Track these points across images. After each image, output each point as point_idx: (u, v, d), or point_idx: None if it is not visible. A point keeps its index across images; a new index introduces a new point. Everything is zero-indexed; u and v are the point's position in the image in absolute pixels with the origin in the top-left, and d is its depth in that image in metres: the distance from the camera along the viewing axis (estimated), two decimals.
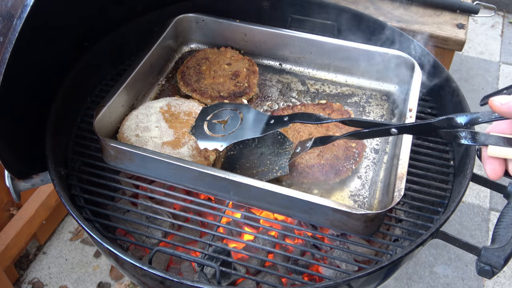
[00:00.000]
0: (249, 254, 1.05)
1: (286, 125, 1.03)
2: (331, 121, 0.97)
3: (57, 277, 1.91)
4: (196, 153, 1.13)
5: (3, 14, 0.83)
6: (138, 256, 1.23)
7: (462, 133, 0.75)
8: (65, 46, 1.26)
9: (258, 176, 1.09)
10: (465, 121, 0.76)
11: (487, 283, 1.99)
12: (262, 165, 1.12)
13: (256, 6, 1.54)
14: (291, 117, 1.02)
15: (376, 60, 1.34)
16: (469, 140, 0.74)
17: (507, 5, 3.57)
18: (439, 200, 1.11)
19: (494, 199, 2.29)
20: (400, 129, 0.86)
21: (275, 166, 1.11)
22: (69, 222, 2.09)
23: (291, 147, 1.13)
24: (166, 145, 1.15)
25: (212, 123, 1.09)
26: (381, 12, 1.74)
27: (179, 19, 1.45)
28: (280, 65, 1.47)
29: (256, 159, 1.14)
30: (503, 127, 0.72)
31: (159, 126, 1.18)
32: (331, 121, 0.97)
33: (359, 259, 1.13)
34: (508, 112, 0.67)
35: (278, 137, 1.16)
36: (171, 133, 1.17)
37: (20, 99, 1.08)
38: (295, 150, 1.07)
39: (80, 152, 1.21)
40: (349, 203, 1.10)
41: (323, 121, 0.99)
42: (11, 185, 1.09)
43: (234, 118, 1.09)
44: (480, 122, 0.74)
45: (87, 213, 1.10)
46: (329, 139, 1.00)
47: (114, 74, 1.42)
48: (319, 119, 0.99)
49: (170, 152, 1.13)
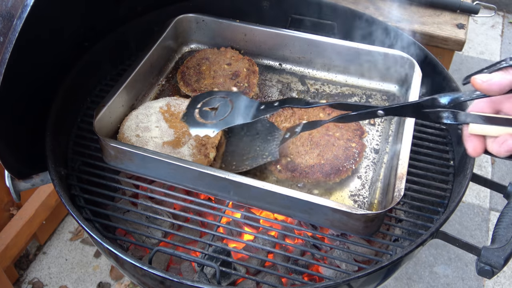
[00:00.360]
0: (249, 254, 1.06)
1: (276, 109, 1.04)
2: (319, 105, 0.99)
3: (57, 277, 1.91)
4: (197, 151, 1.14)
5: (3, 14, 0.83)
6: (138, 256, 1.23)
7: (445, 113, 0.78)
8: (65, 46, 1.26)
9: (248, 162, 1.09)
10: (448, 101, 0.79)
11: (487, 283, 1.99)
12: (252, 151, 1.12)
13: (256, 6, 1.54)
14: (281, 102, 1.04)
15: (376, 60, 1.35)
16: (451, 119, 0.77)
17: (507, 5, 3.58)
18: (439, 200, 1.11)
19: (494, 199, 2.29)
20: (386, 111, 0.88)
21: (265, 152, 1.11)
22: (69, 222, 2.09)
23: (280, 134, 1.13)
24: (167, 144, 1.15)
25: (203, 111, 1.10)
26: (381, 12, 1.74)
27: (179, 19, 1.45)
28: (280, 65, 1.47)
29: (247, 147, 1.15)
30: (482, 106, 0.76)
31: (159, 126, 1.18)
32: (319, 105, 0.99)
33: (359, 259, 1.13)
34: (489, 89, 0.70)
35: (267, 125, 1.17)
36: (171, 132, 1.17)
37: (20, 99, 1.08)
38: (284, 136, 1.07)
39: (80, 152, 1.21)
40: (349, 203, 1.10)
41: (312, 105, 1.01)
42: (11, 185, 1.09)
43: (224, 105, 1.10)
44: (462, 100, 0.78)
45: (87, 213, 1.10)
46: (318, 123, 1.02)
47: (114, 74, 1.42)
48: (308, 103, 1.01)
49: (171, 151, 1.13)
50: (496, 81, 0.70)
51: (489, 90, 0.71)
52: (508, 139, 0.71)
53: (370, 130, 1.27)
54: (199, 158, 1.13)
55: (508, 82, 0.69)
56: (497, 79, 0.70)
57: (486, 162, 2.48)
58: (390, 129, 1.27)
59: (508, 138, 0.72)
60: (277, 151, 1.09)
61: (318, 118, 1.23)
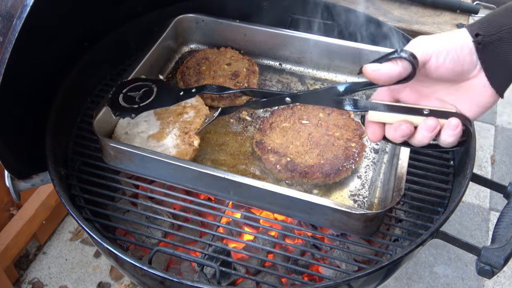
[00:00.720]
0: (249, 254, 1.06)
1: (193, 95, 1.11)
2: (233, 91, 1.06)
3: (57, 277, 1.91)
4: (180, 141, 1.13)
5: (3, 14, 0.83)
6: (138, 256, 1.23)
7: (346, 101, 0.83)
8: (65, 46, 1.26)
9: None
10: (344, 89, 0.84)
11: (487, 283, 1.99)
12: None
13: (256, 6, 1.54)
14: (198, 88, 1.10)
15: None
16: (351, 106, 0.82)
17: None
18: (439, 200, 1.11)
19: (494, 199, 2.29)
20: (292, 98, 0.92)
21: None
22: (69, 222, 2.09)
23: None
24: (151, 138, 1.14)
25: (127, 95, 1.14)
26: (381, 12, 1.74)
27: (179, 19, 1.45)
28: (280, 65, 1.47)
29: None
30: (383, 95, 0.81)
31: (147, 120, 1.18)
32: (233, 91, 1.06)
33: (359, 259, 1.13)
34: (378, 78, 0.73)
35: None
36: (157, 124, 1.17)
37: (20, 99, 1.08)
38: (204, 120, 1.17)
39: (80, 152, 1.21)
40: (349, 203, 1.10)
41: (226, 91, 1.07)
42: (11, 185, 1.08)
43: (148, 91, 1.15)
44: (357, 89, 0.83)
45: (87, 213, 1.10)
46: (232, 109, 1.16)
47: (114, 74, 1.42)
48: (222, 89, 1.08)
49: (155, 145, 1.13)
50: (384, 72, 0.72)
51: (378, 79, 0.73)
52: (402, 125, 0.75)
53: None
54: (184, 149, 1.11)
55: (396, 73, 0.71)
56: (386, 70, 0.72)
57: (486, 162, 2.48)
58: None
59: (402, 124, 0.76)
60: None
61: (318, 117, 1.23)
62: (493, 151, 2.54)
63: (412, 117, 0.76)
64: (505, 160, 2.49)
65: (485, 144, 2.58)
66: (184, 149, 1.11)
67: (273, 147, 1.16)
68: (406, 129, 0.75)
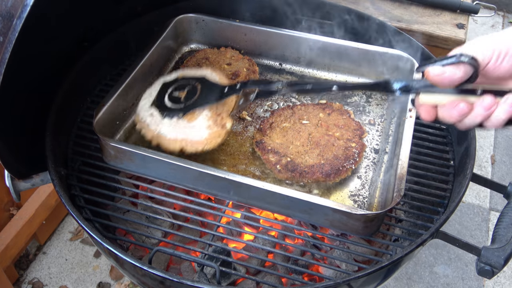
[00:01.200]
0: (249, 254, 1.06)
1: (238, 92, 1.10)
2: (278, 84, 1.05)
3: (57, 277, 1.91)
4: (213, 123, 1.09)
5: (3, 14, 0.83)
6: (138, 256, 1.23)
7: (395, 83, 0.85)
8: (65, 46, 1.26)
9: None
10: (399, 86, 0.85)
11: (487, 283, 1.99)
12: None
13: (256, 6, 1.53)
14: (242, 84, 1.10)
15: (376, 60, 1.35)
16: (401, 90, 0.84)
17: (507, 5, 3.58)
18: (439, 200, 1.11)
19: (494, 199, 2.29)
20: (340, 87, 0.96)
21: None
22: (69, 222, 2.09)
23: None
24: (181, 120, 1.10)
25: (172, 96, 1.15)
26: (381, 12, 1.74)
27: (179, 19, 1.45)
28: (280, 65, 1.47)
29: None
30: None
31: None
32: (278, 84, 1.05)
33: (359, 259, 1.13)
34: (441, 82, 0.75)
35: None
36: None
37: (20, 99, 1.08)
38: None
39: (80, 152, 1.21)
40: (349, 203, 1.10)
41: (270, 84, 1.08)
42: (11, 185, 1.08)
43: (192, 90, 1.15)
44: (412, 90, 0.84)
45: (87, 213, 1.10)
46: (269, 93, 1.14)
47: (114, 74, 1.42)
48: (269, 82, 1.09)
49: (186, 126, 1.09)
50: (447, 76, 0.74)
51: (440, 83, 0.75)
52: (460, 103, 0.77)
53: (370, 130, 1.27)
54: (216, 130, 1.08)
55: (458, 77, 0.74)
56: (449, 74, 0.74)
57: (486, 162, 2.48)
58: (390, 129, 1.27)
59: (460, 102, 0.77)
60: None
61: (318, 118, 1.23)
62: (493, 151, 2.54)
63: (467, 96, 0.77)
64: (505, 160, 2.50)
65: (485, 144, 2.58)
66: (217, 130, 1.08)
67: (273, 147, 1.16)
68: (465, 107, 0.76)
